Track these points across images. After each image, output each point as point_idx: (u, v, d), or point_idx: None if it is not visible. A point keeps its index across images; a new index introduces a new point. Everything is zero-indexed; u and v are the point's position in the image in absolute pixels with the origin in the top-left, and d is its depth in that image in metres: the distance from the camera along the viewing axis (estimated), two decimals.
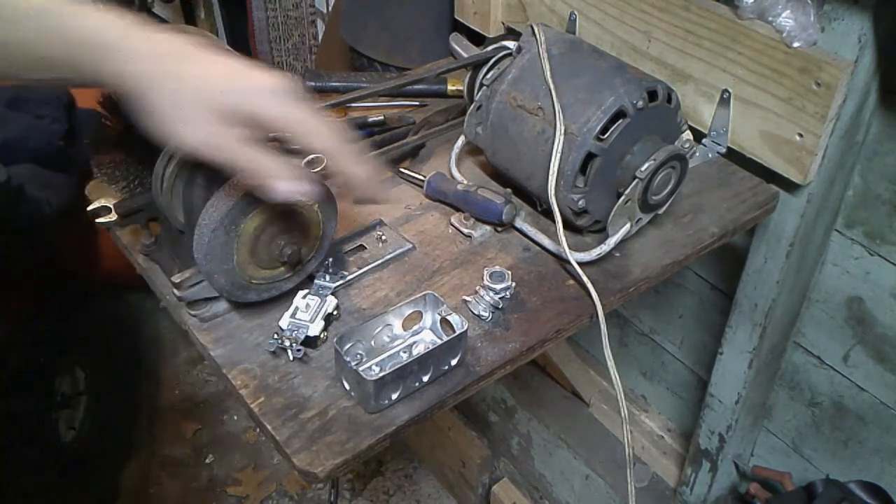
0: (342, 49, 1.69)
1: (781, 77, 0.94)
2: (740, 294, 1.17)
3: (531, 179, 0.92)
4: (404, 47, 1.49)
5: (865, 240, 1.09)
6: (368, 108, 1.17)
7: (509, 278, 0.84)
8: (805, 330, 1.23)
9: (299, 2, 2.38)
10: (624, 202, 0.86)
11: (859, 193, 1.07)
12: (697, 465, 1.42)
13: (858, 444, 1.23)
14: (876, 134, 1.02)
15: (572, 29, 1.17)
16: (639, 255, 0.91)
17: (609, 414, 1.64)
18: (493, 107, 0.94)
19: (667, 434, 1.57)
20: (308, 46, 2.48)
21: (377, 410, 0.72)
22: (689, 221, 0.96)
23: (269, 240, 0.76)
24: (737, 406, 1.28)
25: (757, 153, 1.01)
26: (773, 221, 1.06)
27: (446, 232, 0.94)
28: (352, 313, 0.83)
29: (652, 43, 1.08)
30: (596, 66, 0.89)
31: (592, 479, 1.59)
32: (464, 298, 0.84)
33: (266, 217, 0.74)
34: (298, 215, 0.76)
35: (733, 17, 0.97)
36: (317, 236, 0.79)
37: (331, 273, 0.84)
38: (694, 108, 1.06)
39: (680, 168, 0.89)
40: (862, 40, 0.89)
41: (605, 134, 0.85)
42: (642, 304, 1.50)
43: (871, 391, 1.17)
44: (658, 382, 1.58)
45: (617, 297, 0.86)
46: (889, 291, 1.09)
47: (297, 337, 0.76)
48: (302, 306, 0.78)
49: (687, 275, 1.37)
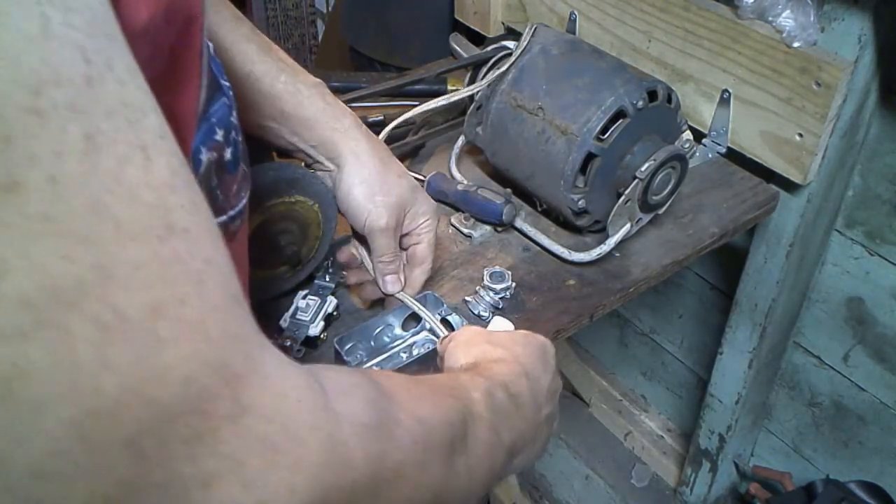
0: (342, 49, 1.69)
1: (781, 77, 0.94)
2: (740, 294, 1.17)
3: (531, 179, 0.92)
4: (404, 47, 1.49)
5: (865, 240, 1.08)
6: (368, 108, 1.17)
7: (509, 278, 0.84)
8: (805, 330, 1.23)
9: (299, 2, 2.38)
10: (624, 202, 0.86)
11: (859, 193, 1.07)
12: (697, 465, 1.42)
13: (858, 444, 1.23)
14: (876, 134, 1.02)
15: (572, 29, 1.17)
16: (639, 255, 0.91)
17: (609, 414, 1.64)
18: (493, 107, 0.94)
19: (667, 434, 1.57)
20: (308, 46, 2.48)
21: None
22: (689, 221, 0.96)
23: (269, 240, 0.75)
24: (737, 406, 1.28)
25: (757, 153, 1.01)
26: (773, 221, 1.06)
27: (446, 232, 0.94)
28: (352, 313, 0.83)
29: (652, 43, 1.08)
30: (596, 66, 0.89)
31: (592, 479, 1.58)
32: (464, 298, 0.84)
33: (266, 217, 0.74)
34: (298, 215, 0.76)
35: (733, 17, 0.97)
36: (317, 236, 0.79)
37: (331, 273, 0.84)
38: (694, 108, 1.06)
39: (680, 168, 0.88)
40: (862, 40, 0.89)
41: (605, 134, 0.85)
42: (642, 304, 1.50)
43: (871, 391, 1.17)
44: (658, 382, 1.58)
45: (617, 297, 0.86)
46: (889, 291, 1.09)
47: (298, 337, 0.76)
48: (302, 306, 0.78)
49: (687, 275, 1.37)
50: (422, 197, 0.77)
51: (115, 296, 0.26)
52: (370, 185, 0.73)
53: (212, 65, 0.44)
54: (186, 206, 0.29)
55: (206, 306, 0.29)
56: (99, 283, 0.26)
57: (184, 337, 0.28)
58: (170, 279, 0.28)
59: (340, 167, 0.74)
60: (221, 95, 0.46)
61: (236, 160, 0.49)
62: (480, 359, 0.59)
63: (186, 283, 0.28)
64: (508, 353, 0.59)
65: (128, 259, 0.26)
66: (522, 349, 0.61)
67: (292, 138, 0.74)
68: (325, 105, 0.74)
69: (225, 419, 0.29)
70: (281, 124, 0.73)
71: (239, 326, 0.31)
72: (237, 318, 0.31)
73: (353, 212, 0.75)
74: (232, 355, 0.30)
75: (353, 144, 0.74)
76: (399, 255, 0.77)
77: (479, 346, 0.61)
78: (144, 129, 0.28)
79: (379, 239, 0.74)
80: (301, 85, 0.73)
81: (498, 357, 0.59)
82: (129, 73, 0.28)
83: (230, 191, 0.49)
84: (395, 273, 0.77)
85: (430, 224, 0.78)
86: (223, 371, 0.29)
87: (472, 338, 0.62)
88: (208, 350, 0.29)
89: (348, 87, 1.18)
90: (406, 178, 0.76)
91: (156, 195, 0.28)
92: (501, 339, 0.62)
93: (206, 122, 0.44)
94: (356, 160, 0.74)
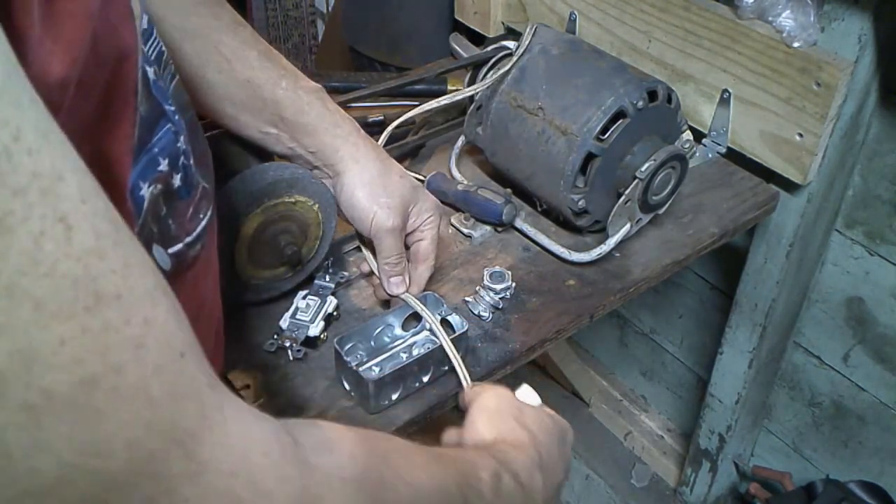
0: (342, 49, 1.69)
1: (781, 77, 0.94)
2: (740, 294, 1.17)
3: (531, 179, 0.92)
4: (404, 47, 1.49)
5: (865, 240, 1.08)
6: (368, 108, 1.17)
7: (509, 278, 0.84)
8: (805, 330, 1.23)
9: (299, 2, 2.38)
10: (624, 202, 0.86)
11: (859, 193, 1.07)
12: (697, 465, 1.42)
13: (858, 444, 1.23)
14: (876, 134, 1.02)
15: (572, 29, 1.17)
16: (639, 255, 0.91)
17: (609, 414, 1.64)
18: (493, 107, 0.94)
19: (667, 434, 1.57)
20: (308, 46, 2.48)
21: (377, 411, 0.72)
22: (689, 221, 0.96)
23: (269, 240, 0.76)
24: (737, 406, 1.28)
25: (757, 153, 1.01)
26: (773, 221, 1.06)
27: (446, 232, 0.94)
28: (352, 313, 0.83)
29: (652, 43, 1.08)
30: (596, 66, 0.89)
31: (592, 479, 1.58)
32: (464, 298, 0.84)
33: (266, 217, 0.74)
34: (298, 215, 0.76)
35: (733, 17, 0.97)
36: (317, 236, 0.79)
37: (331, 273, 0.84)
38: (694, 108, 1.06)
39: (680, 168, 0.88)
40: (862, 40, 0.89)
41: (606, 134, 0.85)
42: (642, 304, 1.50)
43: (871, 391, 1.17)
44: (658, 382, 1.58)
45: (617, 297, 0.86)
46: (889, 291, 1.09)
47: (298, 337, 0.76)
48: (302, 306, 0.78)
49: (687, 275, 1.37)
50: (424, 195, 0.78)
51: (41, 377, 0.25)
52: (373, 188, 0.74)
53: (153, 90, 0.43)
54: (118, 270, 0.28)
55: (146, 370, 0.29)
56: (21, 368, 0.25)
57: (123, 405, 0.28)
58: (102, 349, 0.27)
59: (341, 172, 0.74)
60: (166, 122, 0.44)
61: (189, 185, 0.48)
62: (499, 438, 0.57)
63: (122, 350, 0.28)
64: (531, 438, 0.58)
65: (51, 338, 0.26)
66: (545, 437, 0.60)
67: (291, 144, 0.74)
68: (325, 111, 0.74)
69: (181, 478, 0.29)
70: (281, 131, 0.73)
71: (188, 383, 0.31)
72: (185, 375, 0.31)
73: (357, 215, 0.75)
74: (181, 414, 0.30)
75: (352, 150, 0.74)
76: (404, 256, 0.77)
77: (507, 422, 0.59)
78: (62, 196, 0.26)
79: (385, 240, 0.74)
80: (301, 91, 0.73)
81: (519, 441, 0.57)
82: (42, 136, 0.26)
83: (184, 217, 0.48)
84: (400, 275, 0.77)
85: (433, 221, 0.78)
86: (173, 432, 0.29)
87: (501, 409, 0.60)
88: (152, 413, 0.29)
89: (348, 87, 1.18)
90: (407, 178, 0.76)
91: (80, 266, 0.27)
92: (529, 419, 0.60)
93: (147, 153, 0.43)
94: (356, 164, 0.74)
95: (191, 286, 0.51)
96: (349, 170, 0.74)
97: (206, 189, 0.52)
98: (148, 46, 0.43)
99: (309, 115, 0.72)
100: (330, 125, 0.74)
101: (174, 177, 0.46)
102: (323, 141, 0.73)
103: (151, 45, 0.44)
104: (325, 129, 0.73)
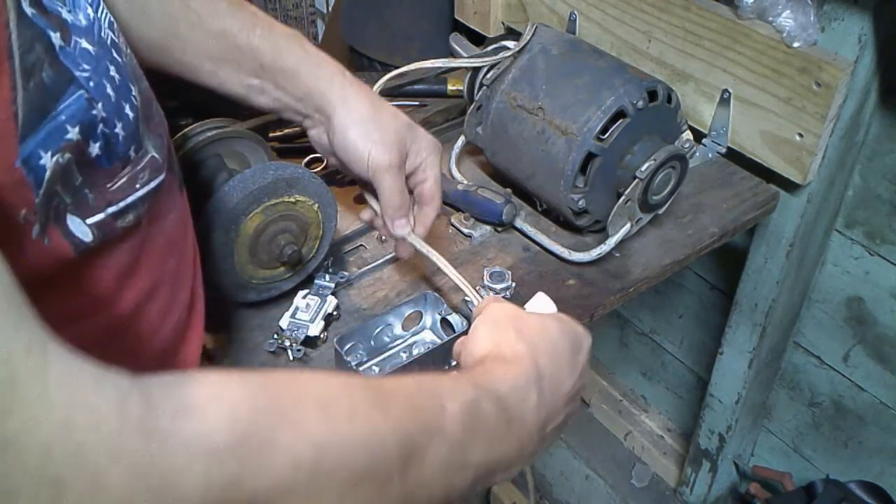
0: (342, 49, 1.69)
1: (781, 77, 0.94)
2: (740, 294, 1.17)
3: (531, 179, 0.92)
4: (404, 47, 1.48)
5: (865, 240, 1.08)
6: None
7: (509, 278, 0.84)
8: (805, 330, 1.23)
9: (299, 2, 2.38)
10: (624, 202, 0.86)
11: (859, 193, 1.07)
12: (697, 465, 1.42)
13: (858, 444, 1.23)
14: (876, 134, 1.02)
15: (572, 29, 1.17)
16: (639, 255, 0.91)
17: (609, 414, 1.64)
18: (493, 107, 0.94)
19: (667, 434, 1.57)
20: None
21: None
22: (689, 221, 0.96)
23: (269, 240, 0.76)
24: (737, 406, 1.28)
25: (757, 153, 1.01)
26: (773, 221, 1.06)
27: (446, 232, 0.94)
28: (352, 313, 0.83)
29: (652, 43, 1.08)
30: (596, 66, 0.89)
31: (592, 479, 1.58)
32: (464, 298, 0.84)
33: (266, 217, 0.74)
34: (298, 215, 0.77)
35: (733, 17, 0.97)
36: (317, 236, 0.79)
37: (331, 273, 0.84)
38: (694, 108, 1.06)
39: (680, 168, 0.88)
40: (862, 40, 0.89)
41: (605, 134, 0.85)
42: (642, 304, 1.50)
43: (871, 391, 1.17)
44: (658, 382, 1.58)
45: (617, 296, 0.86)
46: (889, 291, 1.09)
47: (298, 337, 0.76)
48: (302, 306, 0.78)
49: (687, 275, 1.37)
50: (420, 133, 0.74)
51: None
52: (365, 125, 0.70)
53: (60, 57, 0.42)
54: None
55: None
56: None
57: None
58: None
59: (331, 115, 0.71)
60: (76, 89, 0.43)
61: (112, 154, 0.46)
62: (495, 351, 0.55)
63: None
64: (530, 349, 0.55)
65: None
66: (549, 345, 0.56)
67: (277, 93, 0.71)
68: (304, 53, 0.71)
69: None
70: (263, 80, 0.70)
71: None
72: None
73: (352, 155, 0.71)
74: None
75: (339, 90, 0.71)
76: (406, 195, 0.74)
77: (507, 334, 0.56)
78: None
79: (385, 179, 0.71)
80: (278, 35, 0.70)
81: (514, 354, 0.54)
82: None
83: (105, 186, 0.46)
84: (405, 216, 0.74)
85: (433, 159, 0.75)
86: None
87: (501, 320, 0.58)
88: None
89: None
90: (401, 115, 0.73)
91: None
92: (531, 328, 0.57)
93: (53, 121, 0.41)
94: (345, 104, 0.71)
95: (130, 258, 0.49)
96: (338, 111, 0.70)
97: (154, 159, 0.50)
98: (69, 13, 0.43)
99: (289, 59, 0.70)
100: (312, 67, 0.71)
101: (91, 145, 0.44)
102: (307, 84, 0.71)
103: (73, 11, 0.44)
104: (308, 71, 0.71)
